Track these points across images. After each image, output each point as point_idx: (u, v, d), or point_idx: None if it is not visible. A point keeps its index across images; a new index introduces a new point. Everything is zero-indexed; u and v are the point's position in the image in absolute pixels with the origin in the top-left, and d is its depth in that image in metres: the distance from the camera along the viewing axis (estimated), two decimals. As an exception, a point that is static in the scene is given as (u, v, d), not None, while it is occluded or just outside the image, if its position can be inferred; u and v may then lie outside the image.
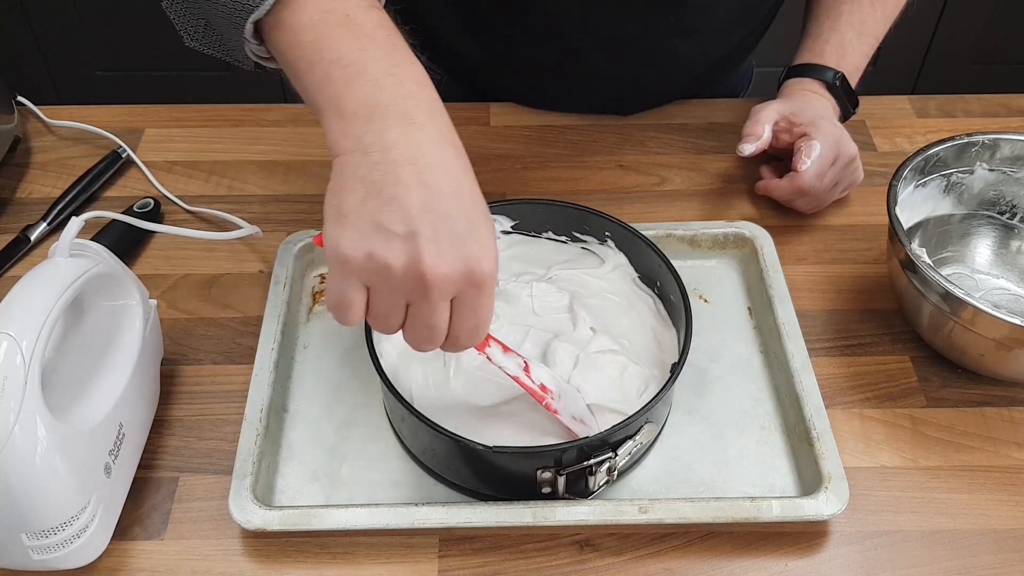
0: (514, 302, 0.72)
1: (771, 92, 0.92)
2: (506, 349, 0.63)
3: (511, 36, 0.93)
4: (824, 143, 0.81)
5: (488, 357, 0.62)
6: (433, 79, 0.56)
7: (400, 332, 0.55)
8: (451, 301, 0.53)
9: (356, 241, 0.51)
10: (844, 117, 0.89)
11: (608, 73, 0.94)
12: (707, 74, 0.99)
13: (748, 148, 0.82)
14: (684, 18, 0.89)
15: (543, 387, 0.64)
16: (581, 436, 0.62)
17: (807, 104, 0.86)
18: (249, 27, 0.54)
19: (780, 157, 0.88)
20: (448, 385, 0.67)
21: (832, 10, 0.90)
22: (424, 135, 0.52)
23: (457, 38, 0.96)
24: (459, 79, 1.02)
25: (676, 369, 0.64)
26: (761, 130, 0.83)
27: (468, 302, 0.53)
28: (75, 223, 0.61)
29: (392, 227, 0.51)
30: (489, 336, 0.62)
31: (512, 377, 0.63)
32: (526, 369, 0.63)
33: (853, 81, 0.88)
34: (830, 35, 0.89)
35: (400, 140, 0.51)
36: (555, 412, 0.64)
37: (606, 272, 0.74)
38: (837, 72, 0.87)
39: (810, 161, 0.80)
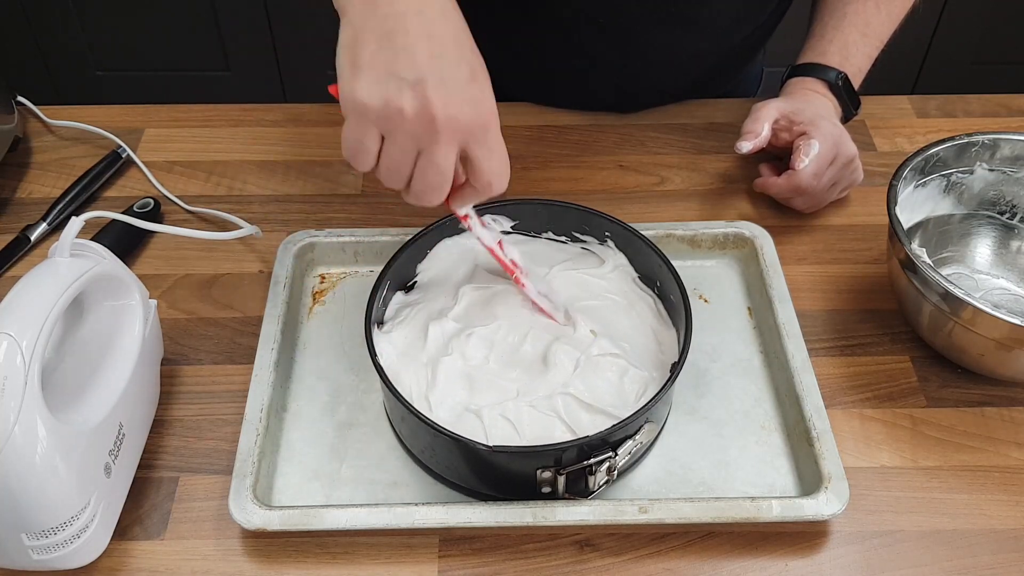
0: (514, 303, 0.72)
1: (777, 92, 0.92)
2: (483, 224, 0.68)
3: (510, 28, 0.93)
4: (823, 142, 0.81)
5: (468, 226, 0.67)
6: None
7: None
8: (464, 149, 0.58)
9: (372, 89, 0.55)
10: (845, 118, 0.89)
11: (608, 66, 0.93)
12: (710, 71, 0.99)
13: (746, 146, 0.82)
14: (684, 8, 0.88)
15: (514, 262, 0.69)
16: (548, 312, 0.69)
17: (808, 103, 0.85)
18: None
19: (780, 156, 0.88)
20: (448, 384, 0.67)
21: (837, 11, 0.90)
22: None
23: None
24: None
25: (676, 369, 0.64)
26: (760, 128, 0.83)
27: (485, 143, 0.58)
28: (75, 223, 0.61)
29: (404, 74, 0.55)
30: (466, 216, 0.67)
31: (487, 248, 0.68)
32: (500, 244, 0.68)
33: (856, 82, 0.88)
34: (834, 35, 0.89)
35: None
36: (523, 286, 0.69)
37: (606, 272, 0.74)
38: (840, 72, 0.87)
39: (808, 160, 0.80)
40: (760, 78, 1.12)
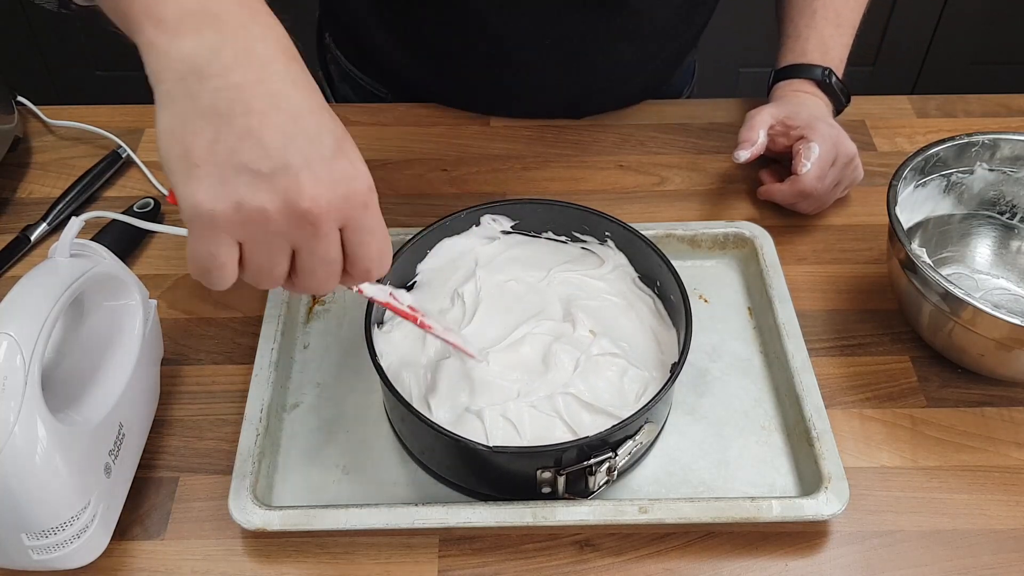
0: (513, 304, 0.72)
1: (762, 93, 0.92)
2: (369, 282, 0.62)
3: (453, 51, 0.91)
4: (822, 144, 0.81)
5: (359, 291, 0.59)
6: (377, 97, 0.52)
7: (293, 285, 0.50)
8: (341, 232, 0.48)
9: (217, 192, 0.44)
10: (838, 111, 0.89)
11: (553, 81, 0.93)
12: (652, 76, 0.99)
13: (743, 155, 0.82)
14: (627, 22, 0.89)
15: (411, 308, 0.63)
16: (461, 347, 0.65)
17: (801, 106, 0.86)
18: None
19: (779, 159, 0.88)
20: (449, 385, 0.67)
21: (806, 8, 0.90)
22: (266, 49, 0.45)
23: (397, 56, 0.95)
24: (404, 96, 0.99)
25: (676, 369, 0.64)
26: (755, 135, 0.83)
27: (363, 225, 0.48)
28: (75, 223, 0.61)
29: (257, 165, 0.44)
30: None
31: (382, 303, 0.61)
32: (391, 295, 0.62)
33: (839, 73, 0.89)
34: (809, 33, 0.89)
35: (242, 57, 0.44)
36: (429, 328, 0.63)
37: (606, 272, 0.74)
38: (825, 68, 0.87)
39: (809, 164, 0.80)
40: (693, 72, 1.12)
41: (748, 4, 1.45)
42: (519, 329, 0.69)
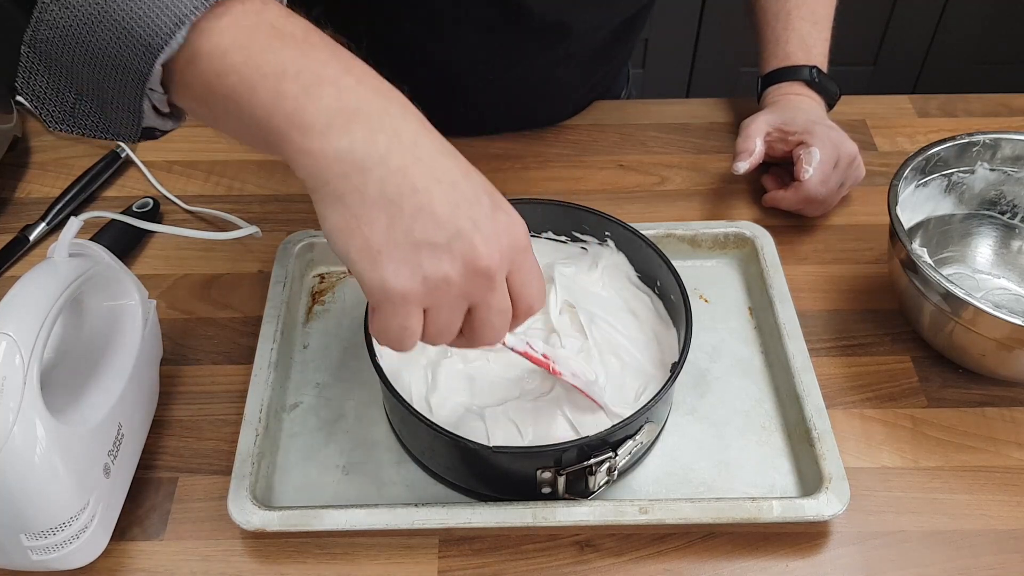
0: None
1: (741, 91, 0.92)
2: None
3: (397, 78, 0.92)
4: (823, 148, 0.81)
5: (503, 342, 0.60)
6: None
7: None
8: (507, 279, 0.51)
9: (403, 271, 0.46)
10: (830, 106, 0.89)
11: (498, 104, 0.93)
12: (593, 89, 0.99)
13: (742, 166, 0.83)
14: (569, 47, 0.89)
15: (545, 356, 0.64)
16: (586, 393, 0.64)
17: (796, 110, 0.86)
18: (158, 70, 0.44)
19: (780, 163, 0.88)
20: (450, 386, 0.67)
21: (780, 11, 0.90)
22: (409, 126, 0.47)
23: None
24: None
25: (676, 369, 0.64)
26: (752, 145, 0.83)
27: (526, 267, 0.51)
28: (74, 223, 0.61)
29: (434, 238, 0.46)
30: None
31: (521, 353, 0.63)
32: (529, 344, 0.64)
33: (824, 68, 0.89)
34: (788, 35, 0.89)
35: (394, 142, 0.46)
36: (559, 374, 0.64)
37: (606, 272, 0.74)
38: (811, 67, 0.87)
39: (811, 169, 0.80)
40: (627, 75, 1.12)
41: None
42: (521, 327, 0.69)
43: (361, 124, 0.45)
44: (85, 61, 0.44)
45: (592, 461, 0.61)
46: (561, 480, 0.62)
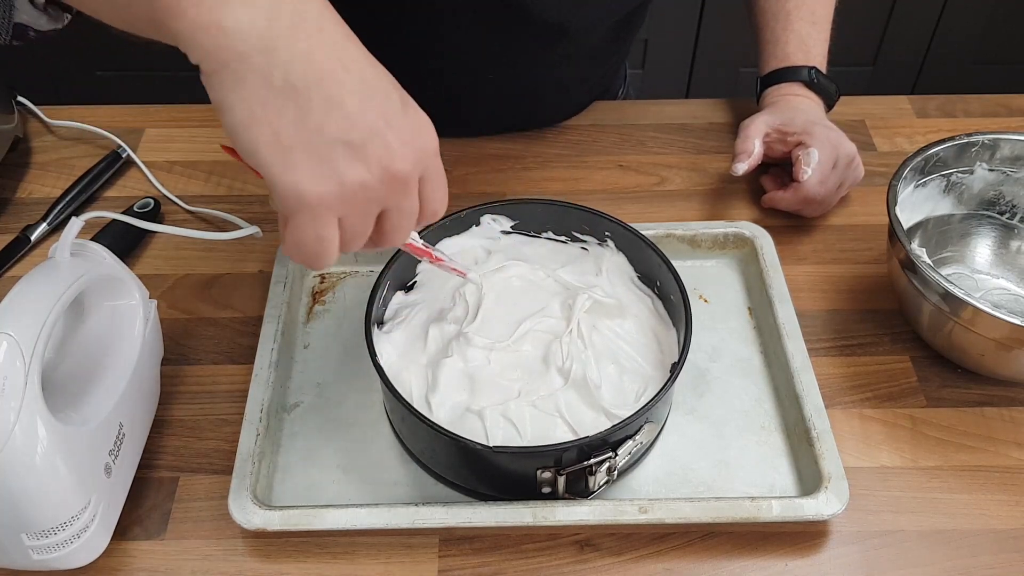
0: (515, 303, 0.72)
1: (740, 91, 0.92)
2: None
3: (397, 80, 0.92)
4: (821, 149, 0.81)
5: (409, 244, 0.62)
6: None
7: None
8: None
9: (318, 173, 0.43)
10: (829, 106, 0.90)
11: (498, 106, 0.94)
12: (591, 91, 0.99)
13: (741, 167, 0.83)
14: (567, 48, 0.89)
15: (425, 245, 0.64)
16: (460, 269, 0.67)
17: (795, 110, 0.86)
18: None
19: (779, 163, 0.88)
20: (450, 385, 0.67)
21: (780, 12, 0.90)
22: (313, 7, 0.43)
23: None
24: None
25: (676, 369, 0.64)
26: (751, 146, 0.83)
27: (435, 172, 0.48)
28: (75, 223, 0.61)
29: (348, 136, 0.43)
30: None
31: (408, 246, 0.63)
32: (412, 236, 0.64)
33: (824, 69, 0.89)
34: (788, 36, 0.89)
35: (298, 21, 0.42)
36: (440, 260, 0.66)
37: (606, 272, 0.74)
38: (810, 68, 0.87)
39: (810, 170, 0.80)
40: (625, 75, 1.12)
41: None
42: (521, 327, 0.70)
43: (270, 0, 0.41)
44: None
45: (592, 461, 0.61)
46: (561, 480, 0.62)
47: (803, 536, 0.65)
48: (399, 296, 0.73)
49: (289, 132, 0.42)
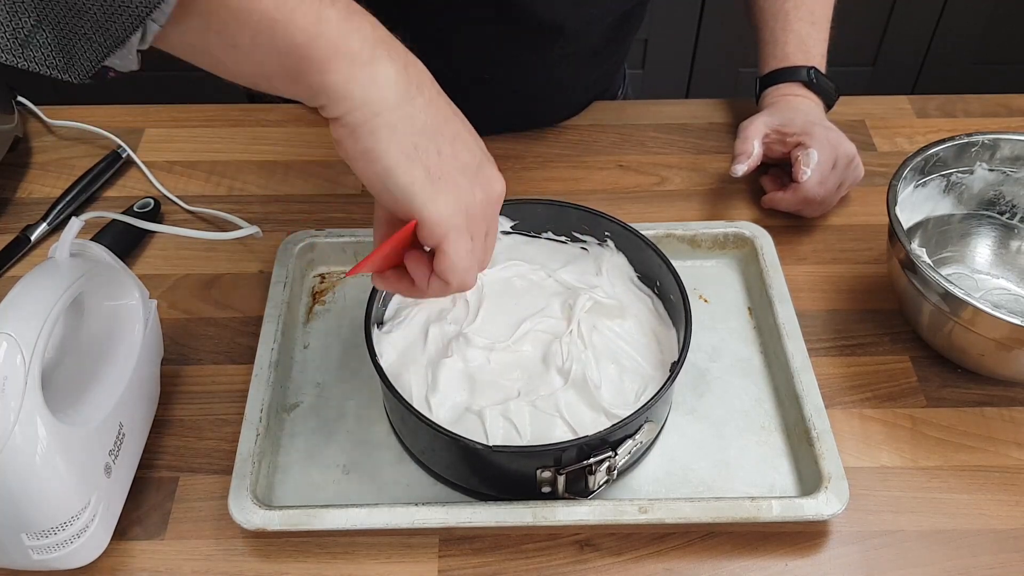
0: (515, 302, 0.72)
1: (738, 92, 0.92)
2: None
3: None
4: (821, 149, 0.81)
5: None
6: None
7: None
8: None
9: (452, 199, 0.48)
10: (829, 106, 0.89)
11: (496, 107, 0.93)
12: (590, 90, 0.99)
13: (740, 168, 0.83)
14: (565, 47, 0.89)
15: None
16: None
17: (795, 111, 0.86)
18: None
19: (779, 164, 0.88)
20: (449, 385, 0.67)
21: (779, 12, 0.90)
22: (412, 56, 0.48)
23: None
24: None
25: (676, 369, 0.64)
26: (750, 147, 0.83)
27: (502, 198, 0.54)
28: (75, 223, 0.61)
29: (469, 163, 0.49)
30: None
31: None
32: None
33: (823, 68, 0.89)
34: (786, 36, 0.89)
35: (419, 74, 0.47)
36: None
37: (606, 272, 0.74)
38: (810, 68, 0.87)
39: (809, 170, 0.80)
40: (624, 75, 1.12)
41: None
42: (521, 327, 0.70)
43: (397, 54, 0.45)
44: None
45: (592, 460, 0.61)
46: (561, 479, 0.62)
47: (803, 536, 0.65)
48: (399, 296, 0.73)
49: (435, 165, 0.47)
